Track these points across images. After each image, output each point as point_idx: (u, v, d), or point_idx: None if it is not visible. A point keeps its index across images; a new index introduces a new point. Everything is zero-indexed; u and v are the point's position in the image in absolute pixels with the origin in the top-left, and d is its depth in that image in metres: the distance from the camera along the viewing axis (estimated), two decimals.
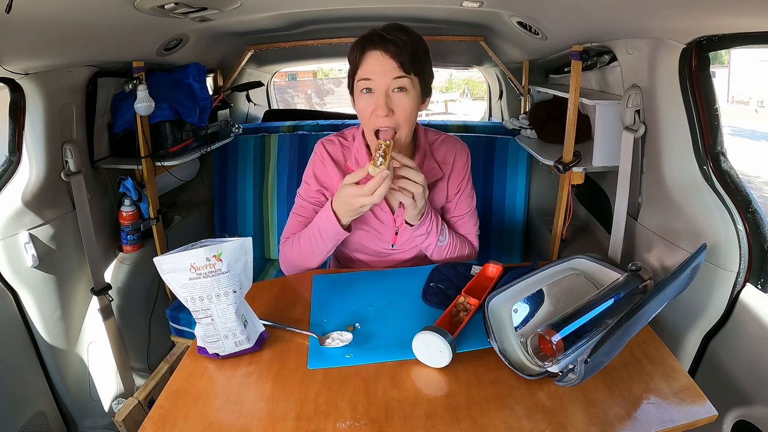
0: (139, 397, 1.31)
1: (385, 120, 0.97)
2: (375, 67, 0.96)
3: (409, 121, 1.00)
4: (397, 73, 0.95)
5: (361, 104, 1.00)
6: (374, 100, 0.97)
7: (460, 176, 1.18)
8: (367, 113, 0.99)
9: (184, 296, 0.76)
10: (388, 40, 0.95)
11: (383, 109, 0.96)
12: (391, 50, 0.95)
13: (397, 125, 0.99)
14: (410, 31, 0.98)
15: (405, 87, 0.97)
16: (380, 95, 0.97)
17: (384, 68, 0.96)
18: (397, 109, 0.97)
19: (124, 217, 1.47)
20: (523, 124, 1.74)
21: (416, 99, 1.00)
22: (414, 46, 0.97)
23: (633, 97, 1.05)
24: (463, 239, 1.19)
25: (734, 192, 0.92)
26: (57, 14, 0.91)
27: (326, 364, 0.79)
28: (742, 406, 0.86)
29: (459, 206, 1.21)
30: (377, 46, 0.96)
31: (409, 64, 0.96)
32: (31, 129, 1.18)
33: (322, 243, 1.05)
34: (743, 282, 0.90)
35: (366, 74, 0.97)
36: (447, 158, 1.16)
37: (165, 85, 1.54)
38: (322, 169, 1.14)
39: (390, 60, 0.95)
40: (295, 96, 12.50)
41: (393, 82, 0.96)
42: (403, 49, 0.95)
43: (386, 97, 0.97)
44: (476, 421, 0.66)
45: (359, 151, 1.12)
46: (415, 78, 0.98)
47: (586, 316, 0.74)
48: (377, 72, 0.96)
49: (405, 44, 0.95)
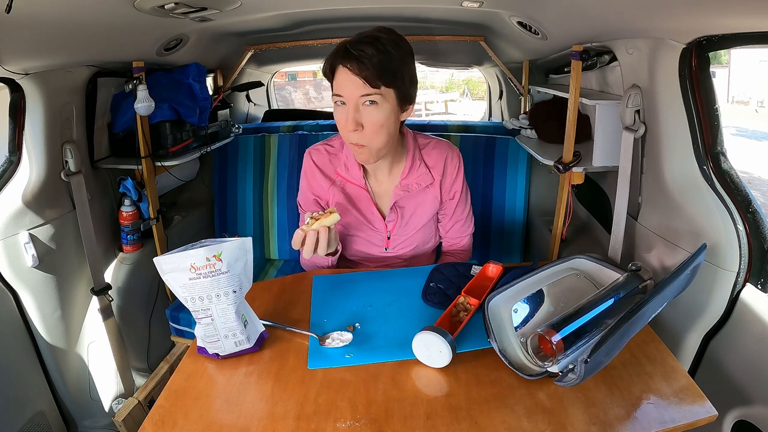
0: (139, 397, 1.31)
1: (354, 135, 0.98)
2: (342, 83, 0.96)
3: (380, 132, 0.98)
4: (364, 90, 0.94)
5: (336, 115, 1.00)
6: (345, 112, 0.97)
7: (453, 181, 1.18)
8: (341, 125, 1.00)
9: (184, 296, 0.76)
10: (353, 56, 0.92)
11: (352, 124, 0.96)
12: (356, 67, 0.93)
13: (367, 141, 0.99)
14: (380, 41, 0.93)
15: (375, 101, 0.95)
16: (350, 108, 0.96)
17: (352, 83, 0.94)
18: (367, 123, 0.97)
19: (124, 217, 1.47)
20: (523, 124, 1.74)
21: (390, 111, 0.98)
22: (383, 57, 0.93)
23: (633, 97, 1.05)
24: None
25: (734, 192, 0.92)
26: (57, 14, 0.91)
27: (326, 364, 0.79)
28: (742, 406, 0.86)
29: (455, 213, 1.21)
30: (344, 61, 0.94)
31: (376, 79, 0.93)
32: (31, 129, 1.18)
33: (317, 259, 1.11)
34: (743, 282, 0.90)
35: (337, 89, 0.97)
36: (437, 163, 1.16)
37: (165, 85, 1.53)
38: (312, 179, 1.17)
39: (355, 76, 0.93)
40: (293, 92, 12.52)
41: (361, 99, 0.95)
42: (368, 65, 0.92)
43: (355, 111, 0.96)
44: (476, 421, 0.66)
45: (348, 157, 1.13)
46: (387, 89, 0.96)
47: (586, 316, 0.74)
48: (345, 88, 0.96)
49: (370, 59, 0.92)
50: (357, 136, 0.98)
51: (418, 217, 1.17)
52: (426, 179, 1.14)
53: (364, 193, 1.15)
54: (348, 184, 1.15)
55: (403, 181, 1.13)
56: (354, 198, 1.16)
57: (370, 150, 1.00)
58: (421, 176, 1.14)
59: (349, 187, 1.15)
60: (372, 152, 1.01)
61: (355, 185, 1.14)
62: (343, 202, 1.15)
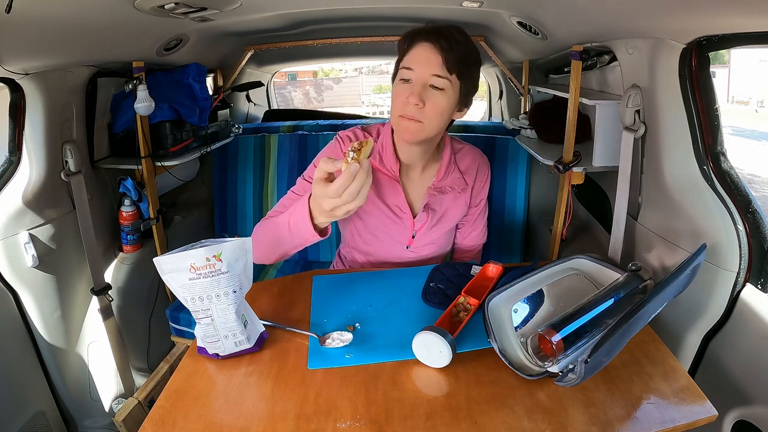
0: (139, 397, 1.31)
1: (414, 109, 0.92)
2: (419, 57, 0.93)
3: (439, 118, 0.95)
4: (439, 70, 0.92)
5: (396, 91, 0.96)
6: (409, 89, 0.93)
7: (481, 189, 1.17)
8: (399, 100, 0.95)
9: (184, 296, 0.76)
10: (441, 34, 0.91)
11: (415, 97, 0.91)
12: (441, 45, 0.91)
13: (426, 118, 0.93)
14: (467, 36, 0.95)
15: (443, 87, 0.93)
16: (416, 85, 0.93)
17: (428, 60, 0.92)
18: (430, 103, 0.93)
19: (124, 217, 1.47)
20: (523, 124, 1.74)
21: (452, 101, 0.95)
22: (465, 49, 0.93)
23: (633, 97, 1.05)
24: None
25: (734, 192, 0.92)
26: (57, 14, 0.91)
27: (326, 364, 0.79)
28: (742, 406, 0.86)
29: (477, 221, 1.20)
30: (428, 38, 0.92)
31: (454, 64, 0.92)
32: (31, 129, 1.18)
33: (288, 237, 0.90)
34: (743, 282, 0.90)
35: (409, 63, 0.94)
36: (470, 169, 1.14)
37: (165, 85, 1.54)
38: (337, 155, 1.06)
39: (436, 54, 0.91)
40: (293, 92, 12.53)
41: (432, 78, 0.92)
42: (453, 48, 0.91)
43: (422, 88, 0.93)
44: (476, 421, 0.66)
45: (385, 148, 1.06)
46: (456, 81, 0.94)
47: (586, 316, 0.74)
48: (420, 63, 0.93)
49: (457, 44, 0.91)
50: (416, 110, 0.93)
51: (446, 221, 1.15)
52: (460, 183, 1.13)
53: (395, 185, 1.08)
54: (378, 173, 1.08)
55: (438, 183, 1.10)
56: (383, 188, 1.09)
57: (424, 128, 0.95)
58: (455, 180, 1.12)
59: (379, 176, 1.08)
60: (424, 131, 0.95)
61: (387, 176, 1.08)
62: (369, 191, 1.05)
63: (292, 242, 0.92)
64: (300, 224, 0.86)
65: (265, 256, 1.00)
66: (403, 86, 0.95)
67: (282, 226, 0.91)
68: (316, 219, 0.84)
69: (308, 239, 0.87)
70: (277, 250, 0.96)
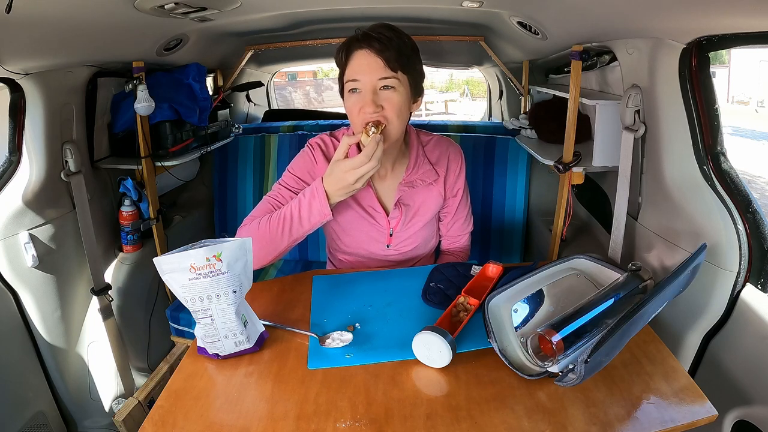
0: (139, 397, 1.31)
1: (374, 115, 0.94)
2: (361, 67, 0.94)
3: (399, 116, 0.97)
4: (383, 72, 0.93)
5: (349, 104, 0.98)
6: (361, 98, 0.95)
7: (456, 178, 1.17)
8: (354, 111, 0.97)
9: (184, 296, 0.76)
10: (373, 37, 0.93)
11: (370, 106, 0.94)
12: (376, 47, 0.93)
13: (387, 119, 0.95)
14: (396, 29, 0.96)
15: (392, 86, 0.95)
16: (367, 93, 0.94)
17: (370, 67, 0.93)
18: (386, 104, 0.95)
19: (124, 217, 1.47)
20: (523, 124, 1.74)
21: (405, 97, 0.98)
22: (400, 42, 0.95)
23: (633, 97, 1.05)
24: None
25: (734, 192, 0.92)
26: (57, 14, 0.91)
27: (326, 364, 0.79)
28: (742, 406, 0.86)
29: (457, 211, 1.21)
30: (362, 45, 0.94)
31: (396, 61, 0.94)
32: (31, 129, 1.18)
33: (298, 224, 0.96)
34: (743, 282, 0.90)
35: (352, 74, 0.96)
36: (441, 160, 1.15)
37: (165, 85, 1.54)
38: (311, 163, 1.10)
39: (375, 58, 0.93)
40: (293, 92, 12.51)
41: (379, 82, 0.94)
42: (389, 46, 0.93)
43: (373, 94, 0.94)
44: (476, 421, 0.66)
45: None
46: (403, 76, 0.96)
47: (586, 316, 0.74)
48: (363, 71, 0.94)
49: (390, 41, 0.93)
50: (377, 115, 0.94)
51: (422, 215, 1.16)
52: (430, 175, 1.13)
53: (366, 187, 1.09)
54: None
55: (408, 178, 1.11)
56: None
57: (389, 130, 0.96)
58: (425, 173, 1.13)
59: None
60: (390, 132, 0.97)
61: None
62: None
63: (300, 230, 0.97)
64: (314, 206, 0.94)
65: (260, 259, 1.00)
66: (355, 97, 0.97)
67: (288, 216, 0.97)
68: (332, 198, 0.94)
69: (320, 220, 0.95)
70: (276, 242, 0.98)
